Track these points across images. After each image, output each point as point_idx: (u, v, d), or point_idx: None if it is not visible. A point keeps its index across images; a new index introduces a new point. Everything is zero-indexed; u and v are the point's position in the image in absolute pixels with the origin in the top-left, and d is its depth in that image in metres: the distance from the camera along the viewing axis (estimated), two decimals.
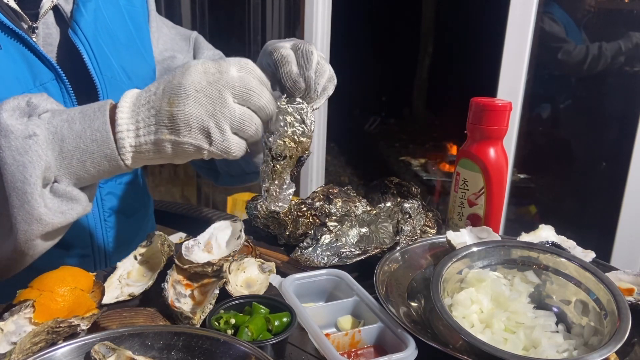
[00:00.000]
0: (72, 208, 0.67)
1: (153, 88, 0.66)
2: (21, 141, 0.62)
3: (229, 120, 0.65)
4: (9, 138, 0.62)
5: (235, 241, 0.80)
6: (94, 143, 0.65)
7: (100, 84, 0.88)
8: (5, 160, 0.62)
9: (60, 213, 0.65)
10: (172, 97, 0.64)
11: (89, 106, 0.67)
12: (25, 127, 0.62)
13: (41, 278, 0.65)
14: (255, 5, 3.11)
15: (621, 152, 1.80)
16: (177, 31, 1.12)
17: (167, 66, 1.07)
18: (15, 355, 0.55)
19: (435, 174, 3.07)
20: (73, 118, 0.65)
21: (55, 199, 0.65)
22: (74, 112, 0.66)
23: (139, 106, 0.65)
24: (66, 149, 0.64)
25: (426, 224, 0.93)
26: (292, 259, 0.86)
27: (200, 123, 0.64)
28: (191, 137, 0.64)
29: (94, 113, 0.65)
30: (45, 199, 0.64)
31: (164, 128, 0.64)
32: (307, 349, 0.65)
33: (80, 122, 0.65)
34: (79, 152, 0.65)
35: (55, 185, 0.65)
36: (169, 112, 0.64)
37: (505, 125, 0.89)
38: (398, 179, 1.04)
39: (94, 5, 0.90)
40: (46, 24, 0.86)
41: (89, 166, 0.66)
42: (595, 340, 0.66)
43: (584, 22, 2.16)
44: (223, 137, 0.65)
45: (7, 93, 0.77)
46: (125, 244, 0.98)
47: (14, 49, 0.79)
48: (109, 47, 0.91)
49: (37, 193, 0.63)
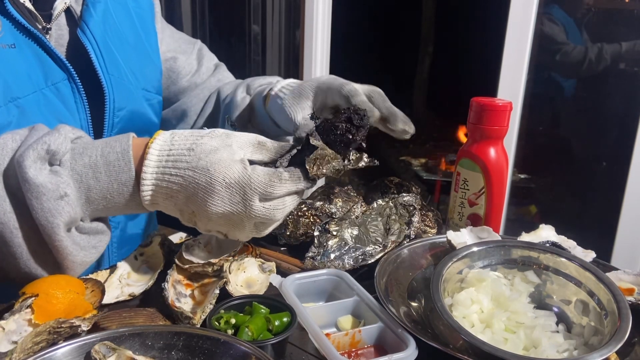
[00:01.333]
0: (101, 240, 0.71)
1: (180, 164, 0.66)
2: (53, 203, 0.63)
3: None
4: (40, 200, 0.62)
5: (236, 241, 0.80)
6: (121, 196, 0.67)
7: (107, 84, 0.88)
8: (39, 220, 0.63)
9: (93, 248, 0.69)
10: (195, 209, 0.67)
11: (110, 147, 0.67)
12: (55, 186, 0.63)
13: (34, 283, 0.65)
14: (255, 5, 3.11)
15: (621, 152, 1.80)
16: (181, 36, 1.13)
17: (169, 67, 1.08)
18: (17, 355, 0.55)
19: (436, 173, 3.07)
20: (97, 164, 0.66)
21: (83, 236, 0.68)
22: (95, 154, 0.66)
23: (164, 164, 0.66)
24: (92, 197, 0.66)
25: (426, 224, 0.93)
26: (307, 265, 0.84)
27: None
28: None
29: (118, 162, 0.66)
30: (78, 242, 0.67)
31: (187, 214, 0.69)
32: (307, 349, 0.65)
33: (105, 173, 0.66)
34: (105, 201, 0.67)
35: (80, 224, 0.67)
36: (190, 216, 0.69)
37: (506, 125, 0.89)
38: (398, 179, 1.05)
39: (103, 6, 0.91)
40: (59, 25, 0.87)
41: (113, 212, 0.69)
42: (595, 340, 0.66)
43: (584, 22, 2.16)
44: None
45: (19, 92, 0.78)
46: (129, 243, 0.98)
47: (28, 48, 0.80)
48: (117, 48, 0.92)
49: (71, 243, 0.66)
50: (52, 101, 0.82)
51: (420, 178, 3.06)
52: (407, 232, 0.85)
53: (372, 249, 0.83)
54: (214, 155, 0.65)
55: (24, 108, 0.78)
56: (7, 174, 0.64)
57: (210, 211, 0.66)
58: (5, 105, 0.76)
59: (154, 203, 0.68)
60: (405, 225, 0.87)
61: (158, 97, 1.04)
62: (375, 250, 0.83)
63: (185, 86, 1.10)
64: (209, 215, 0.66)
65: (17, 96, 0.78)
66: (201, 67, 1.12)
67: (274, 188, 0.66)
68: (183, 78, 1.10)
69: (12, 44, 0.78)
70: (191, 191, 0.65)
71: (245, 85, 1.01)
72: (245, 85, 1.01)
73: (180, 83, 1.10)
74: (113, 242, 0.96)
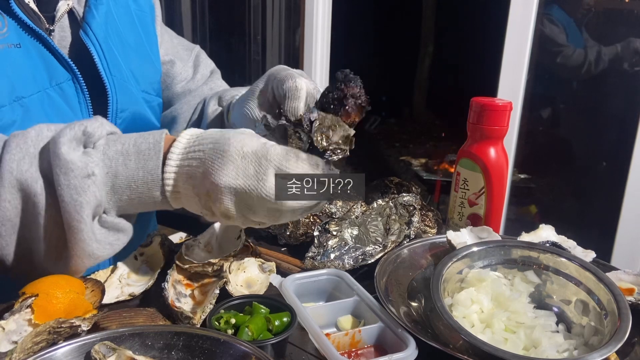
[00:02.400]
0: (119, 239, 0.69)
1: (205, 140, 0.65)
2: (80, 180, 0.62)
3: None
4: (68, 176, 0.62)
5: (236, 241, 0.80)
6: (145, 185, 0.66)
7: (110, 86, 0.88)
8: (63, 197, 0.62)
9: (108, 245, 0.68)
10: (210, 193, 0.65)
11: (144, 138, 0.67)
12: (84, 164, 0.63)
13: (34, 284, 0.65)
14: (255, 5, 3.11)
15: (621, 152, 1.80)
16: (180, 41, 1.13)
17: (166, 71, 1.08)
18: (17, 355, 0.55)
19: (436, 173, 3.06)
20: (128, 152, 0.66)
21: (103, 230, 0.67)
22: (128, 142, 0.66)
23: (192, 144, 0.65)
24: (118, 185, 0.65)
25: (426, 224, 0.93)
26: (307, 265, 0.84)
27: None
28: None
29: (149, 151, 0.66)
30: (96, 233, 0.66)
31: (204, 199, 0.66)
32: (307, 349, 0.65)
33: (135, 160, 0.65)
34: (130, 190, 0.66)
35: (104, 217, 0.67)
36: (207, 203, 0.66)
37: (506, 125, 0.89)
38: (398, 179, 1.05)
39: (106, 8, 0.91)
40: (61, 26, 0.87)
41: (136, 204, 0.67)
42: (595, 340, 0.66)
43: (584, 23, 2.16)
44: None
45: (24, 92, 0.78)
46: (130, 245, 0.98)
47: (33, 48, 0.80)
48: (119, 50, 0.92)
49: (90, 230, 0.64)
50: (56, 101, 0.82)
51: (420, 178, 3.06)
52: (407, 232, 0.86)
53: (372, 249, 0.83)
54: (240, 134, 0.65)
55: (28, 107, 0.78)
56: (42, 157, 0.65)
57: (223, 183, 0.63)
58: (10, 104, 0.76)
59: (175, 191, 0.66)
60: (405, 225, 0.87)
61: (158, 99, 1.04)
62: (375, 250, 0.83)
63: (179, 92, 1.11)
64: (221, 190, 0.63)
65: (22, 95, 0.78)
66: (196, 75, 1.12)
67: (289, 162, 0.63)
68: (178, 84, 1.10)
69: (18, 44, 0.78)
70: (209, 164, 0.63)
71: (217, 97, 1.01)
72: (217, 97, 1.01)
73: (175, 89, 1.10)
74: None
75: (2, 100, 0.76)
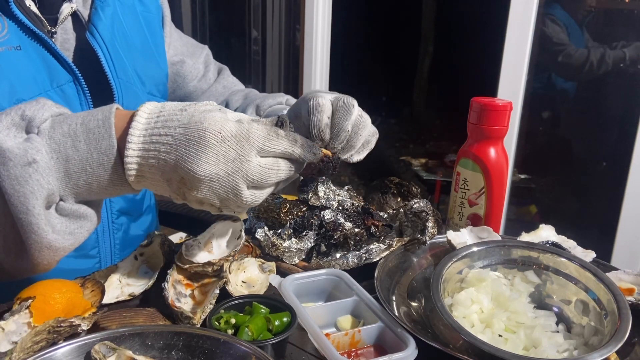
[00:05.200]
0: (81, 226, 0.64)
1: (171, 123, 0.60)
2: (20, 169, 0.58)
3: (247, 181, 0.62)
4: (7, 166, 0.57)
5: (236, 241, 0.80)
6: (101, 167, 0.61)
7: (117, 87, 0.89)
8: (6, 190, 0.58)
9: (69, 234, 0.63)
10: (184, 162, 0.59)
11: (91, 116, 0.62)
12: (24, 152, 0.58)
13: (30, 288, 0.65)
14: (255, 5, 3.11)
15: (621, 152, 1.80)
16: (189, 39, 1.13)
17: (176, 71, 1.09)
18: (17, 354, 0.55)
19: (436, 173, 3.07)
20: (76, 132, 0.60)
21: (62, 218, 0.62)
22: (75, 122, 0.61)
23: (153, 125, 0.60)
24: (72, 170, 0.61)
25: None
26: (313, 264, 0.84)
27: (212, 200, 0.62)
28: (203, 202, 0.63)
29: (98, 129, 0.60)
30: (53, 223, 0.61)
31: (175, 182, 0.61)
32: (307, 349, 0.65)
33: (85, 141, 0.60)
34: (86, 174, 0.61)
35: (61, 204, 0.62)
36: (180, 180, 0.61)
37: (506, 125, 0.89)
38: (398, 179, 1.04)
39: (112, 9, 0.91)
40: (64, 29, 0.87)
41: (95, 188, 0.62)
42: (595, 340, 0.66)
43: (585, 23, 2.16)
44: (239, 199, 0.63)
45: (25, 94, 0.78)
46: (131, 245, 0.98)
47: (34, 50, 0.80)
48: (125, 52, 0.92)
49: (43, 221, 0.59)
50: (57, 103, 0.82)
51: (420, 178, 3.06)
52: (423, 239, 0.84)
53: (376, 247, 0.82)
54: (209, 113, 0.60)
55: None
56: None
57: (202, 172, 0.59)
58: (10, 106, 0.76)
59: (139, 175, 0.61)
60: (418, 233, 0.86)
61: (163, 101, 1.04)
62: (379, 248, 0.82)
63: (191, 91, 1.11)
64: (200, 179, 0.59)
65: (23, 98, 0.78)
66: (208, 72, 1.13)
67: (271, 142, 0.61)
68: (189, 82, 1.11)
69: (18, 46, 0.78)
70: (182, 150, 0.58)
71: (254, 105, 1.00)
72: (254, 106, 1.00)
73: (187, 87, 1.11)
74: (116, 243, 0.96)
75: (3, 102, 0.76)
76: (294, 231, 0.86)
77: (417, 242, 0.85)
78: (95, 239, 0.92)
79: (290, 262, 0.82)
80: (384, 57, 4.61)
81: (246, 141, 0.60)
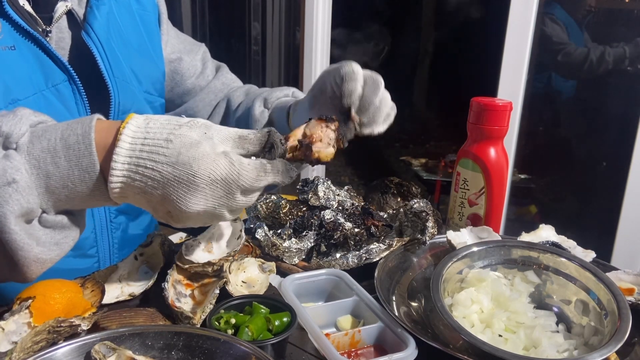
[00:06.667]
0: (67, 236, 0.63)
1: (157, 157, 0.59)
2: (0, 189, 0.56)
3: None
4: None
5: (236, 241, 0.80)
6: (83, 184, 0.60)
7: (112, 86, 0.88)
8: None
9: (54, 245, 0.62)
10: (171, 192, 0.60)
11: (70, 130, 0.60)
12: (2, 171, 0.57)
13: (29, 288, 0.65)
14: (255, 5, 3.11)
15: (621, 152, 1.80)
16: (186, 37, 1.13)
17: (174, 69, 1.08)
18: (17, 354, 0.55)
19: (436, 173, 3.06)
20: (55, 148, 0.59)
21: (46, 230, 0.61)
22: (54, 137, 0.60)
23: (138, 154, 0.59)
24: (53, 186, 0.59)
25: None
26: (313, 264, 0.84)
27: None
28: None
29: (78, 145, 0.59)
30: (37, 236, 0.60)
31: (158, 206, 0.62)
32: (307, 349, 0.65)
33: (65, 157, 0.59)
34: (67, 190, 0.60)
35: (44, 217, 0.61)
36: (167, 209, 0.62)
37: (506, 125, 0.89)
38: (398, 179, 1.04)
39: (107, 8, 0.91)
40: (59, 28, 0.87)
41: (77, 202, 0.62)
42: (595, 340, 0.66)
43: (585, 23, 2.16)
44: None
45: (20, 94, 0.78)
46: (130, 244, 0.98)
47: (28, 50, 0.80)
48: (121, 50, 0.92)
49: (26, 237, 0.58)
50: (52, 103, 0.82)
51: (420, 178, 3.06)
52: (423, 239, 0.85)
53: (376, 247, 0.82)
54: (196, 149, 0.59)
55: None
56: None
57: (191, 210, 0.60)
58: (6, 107, 0.76)
59: (122, 196, 0.61)
60: (418, 233, 0.86)
61: (160, 99, 1.04)
62: (379, 248, 0.82)
63: (190, 88, 1.10)
64: (188, 215, 0.61)
65: (17, 98, 0.77)
66: (205, 70, 1.12)
67: (259, 182, 0.62)
68: (187, 80, 1.10)
69: (12, 46, 0.78)
70: (170, 189, 0.59)
71: (262, 98, 0.99)
72: (262, 99, 0.99)
73: (185, 85, 1.10)
74: (114, 243, 0.96)
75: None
76: (294, 231, 0.86)
77: (417, 242, 0.85)
78: (94, 239, 0.92)
79: (290, 262, 0.82)
80: (384, 57, 4.61)
81: (235, 183, 0.61)
